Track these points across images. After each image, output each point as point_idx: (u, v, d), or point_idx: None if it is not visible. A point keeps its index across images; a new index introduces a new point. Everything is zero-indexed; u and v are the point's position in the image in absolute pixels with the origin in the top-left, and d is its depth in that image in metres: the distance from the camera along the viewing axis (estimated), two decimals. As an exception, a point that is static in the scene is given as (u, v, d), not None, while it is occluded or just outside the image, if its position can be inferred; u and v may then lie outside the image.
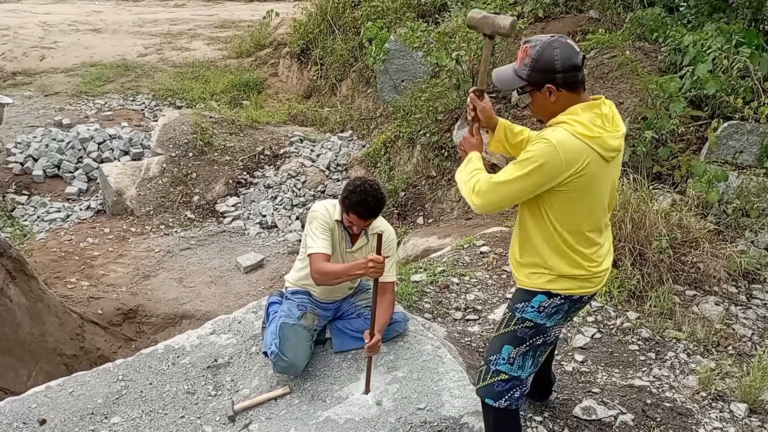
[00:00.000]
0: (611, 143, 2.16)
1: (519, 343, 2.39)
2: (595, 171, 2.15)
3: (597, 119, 2.15)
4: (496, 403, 2.43)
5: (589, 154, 2.12)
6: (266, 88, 11.18)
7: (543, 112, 2.24)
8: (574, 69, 2.13)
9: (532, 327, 2.38)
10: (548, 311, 2.36)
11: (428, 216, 6.91)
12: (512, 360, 2.40)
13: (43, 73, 11.11)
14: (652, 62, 5.78)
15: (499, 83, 2.32)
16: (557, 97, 2.16)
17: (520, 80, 2.20)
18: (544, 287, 2.33)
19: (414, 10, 9.07)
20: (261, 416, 2.95)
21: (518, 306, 2.40)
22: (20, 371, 4.61)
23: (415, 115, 7.38)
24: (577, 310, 2.51)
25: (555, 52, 2.12)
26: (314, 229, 3.02)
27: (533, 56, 2.14)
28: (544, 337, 2.41)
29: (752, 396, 3.20)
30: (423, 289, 4.18)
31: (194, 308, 5.95)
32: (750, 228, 4.38)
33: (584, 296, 2.38)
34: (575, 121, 2.12)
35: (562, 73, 2.12)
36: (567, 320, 2.52)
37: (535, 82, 2.17)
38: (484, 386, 2.46)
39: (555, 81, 2.13)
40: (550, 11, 7.31)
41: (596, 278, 2.36)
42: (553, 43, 2.13)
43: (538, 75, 2.15)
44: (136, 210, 7.45)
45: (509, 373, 2.41)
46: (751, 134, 4.73)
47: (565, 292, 2.33)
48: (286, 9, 12.95)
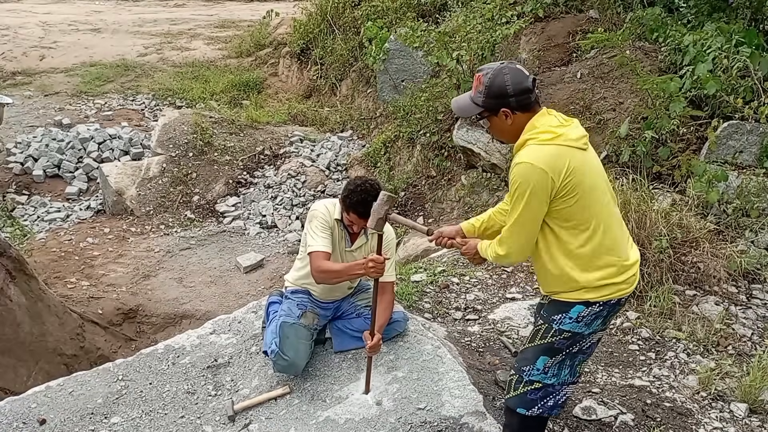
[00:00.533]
0: (575, 133, 2.26)
1: (555, 353, 2.39)
2: (579, 164, 2.22)
3: (552, 120, 2.26)
4: (529, 411, 2.43)
5: (566, 152, 2.19)
6: (266, 88, 11.18)
7: (502, 134, 2.36)
8: (525, 92, 2.23)
9: (570, 337, 2.37)
10: (587, 320, 2.35)
11: (428, 216, 6.91)
12: (547, 370, 2.40)
13: (43, 73, 11.11)
14: (652, 62, 5.77)
15: (458, 111, 2.43)
16: (513, 120, 2.27)
17: (477, 107, 2.31)
18: (581, 297, 2.32)
19: (414, 9, 9.06)
20: (261, 416, 2.95)
21: (555, 318, 2.38)
22: (20, 371, 4.61)
23: (415, 115, 7.38)
24: (616, 313, 2.49)
25: (506, 78, 2.23)
26: (314, 228, 3.02)
27: (486, 84, 2.26)
28: (581, 344, 2.41)
29: (752, 396, 3.20)
30: (423, 289, 4.18)
31: (194, 308, 5.95)
32: (750, 228, 4.38)
33: (621, 299, 2.37)
34: (537, 133, 2.22)
35: (514, 96, 2.23)
36: (606, 325, 2.50)
37: (490, 108, 2.28)
38: (516, 396, 2.45)
39: (509, 105, 2.25)
40: (550, 11, 7.30)
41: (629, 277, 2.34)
42: (503, 70, 2.24)
43: (492, 101, 2.26)
44: (136, 210, 7.45)
45: (543, 382, 2.41)
46: (751, 134, 4.73)
47: (604, 298, 2.32)
48: (286, 9, 12.95)
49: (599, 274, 2.29)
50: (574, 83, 6.04)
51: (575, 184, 2.19)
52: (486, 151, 6.24)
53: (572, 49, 6.81)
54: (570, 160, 2.19)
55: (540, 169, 2.15)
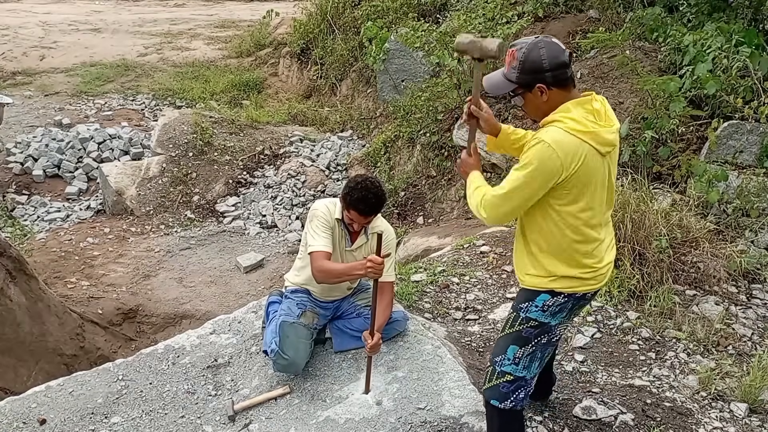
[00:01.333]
0: (606, 137, 2.18)
1: (524, 343, 2.40)
2: (592, 166, 2.17)
3: (589, 115, 2.18)
4: (502, 404, 2.44)
5: (585, 150, 2.14)
6: (266, 87, 11.19)
7: (536, 112, 2.26)
8: (562, 66, 2.15)
9: (537, 326, 2.38)
10: (552, 310, 2.36)
11: (428, 216, 6.91)
12: (518, 360, 2.40)
13: (43, 72, 11.12)
14: (652, 62, 5.77)
15: (490, 89, 2.33)
16: (549, 96, 2.18)
17: (511, 84, 2.23)
18: (547, 286, 2.34)
19: (414, 9, 9.06)
20: (261, 416, 2.95)
21: (522, 306, 2.40)
22: (20, 371, 4.61)
23: (415, 114, 7.38)
24: (580, 308, 2.52)
25: (541, 51, 2.14)
26: (315, 227, 3.02)
27: (520, 59, 2.17)
28: (549, 336, 2.42)
29: (752, 396, 3.20)
30: (423, 288, 4.18)
31: (194, 308, 5.95)
32: (750, 228, 4.38)
33: (587, 293, 2.39)
34: (568, 118, 2.14)
35: (550, 71, 2.15)
36: (571, 318, 2.54)
37: (525, 84, 2.20)
38: (490, 387, 2.46)
39: (545, 80, 2.16)
40: (550, 11, 7.31)
41: (599, 275, 2.36)
42: (539, 44, 2.16)
43: (527, 76, 2.18)
44: (136, 210, 7.45)
45: (514, 374, 2.41)
46: (751, 134, 4.73)
47: (569, 290, 2.33)
48: (286, 9, 12.95)
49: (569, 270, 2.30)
50: (574, 83, 6.04)
51: (576, 181, 2.17)
52: (486, 151, 6.24)
53: (572, 49, 6.81)
54: (586, 158, 2.14)
55: (557, 155, 2.10)
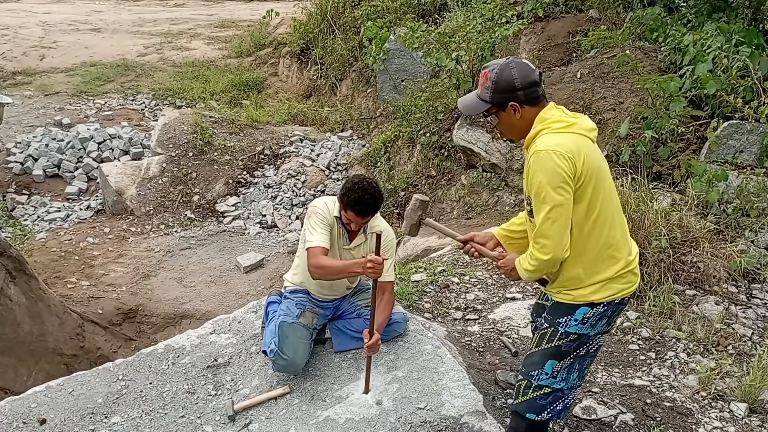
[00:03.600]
0: (587, 124, 2.26)
1: (563, 357, 2.39)
2: (591, 154, 2.21)
3: (562, 113, 2.26)
4: (539, 417, 2.43)
5: (581, 141, 2.19)
6: (266, 87, 11.19)
7: (511, 130, 2.33)
8: (533, 85, 2.22)
9: (576, 339, 2.37)
10: (592, 321, 2.35)
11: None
12: (556, 374, 2.40)
13: (43, 72, 11.11)
14: (652, 62, 5.78)
15: (465, 110, 2.40)
16: (522, 114, 2.25)
17: (485, 103, 2.29)
18: (586, 299, 2.31)
19: (414, 10, 9.06)
20: (261, 416, 2.95)
21: (560, 321, 2.37)
22: (20, 371, 4.61)
23: (415, 114, 7.38)
24: (619, 313, 2.49)
25: (513, 71, 2.22)
26: (313, 224, 3.03)
27: (493, 79, 2.24)
28: (587, 347, 2.41)
29: (752, 395, 3.20)
30: (423, 288, 4.18)
31: (194, 308, 5.95)
32: (750, 228, 4.37)
33: (624, 298, 2.37)
34: (550, 123, 2.21)
35: (522, 90, 2.22)
36: (610, 325, 2.49)
37: (498, 103, 2.26)
38: (525, 401, 2.44)
39: (517, 98, 2.23)
40: (550, 11, 7.31)
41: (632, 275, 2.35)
42: (510, 64, 2.24)
43: (500, 96, 2.24)
44: (136, 210, 7.45)
45: (552, 386, 2.40)
46: (751, 134, 4.73)
47: (608, 299, 2.31)
48: (286, 9, 12.94)
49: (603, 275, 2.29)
50: (574, 83, 6.04)
51: (589, 173, 2.16)
52: (486, 151, 6.24)
53: (572, 49, 6.82)
54: (585, 149, 2.17)
55: (562, 154, 2.11)
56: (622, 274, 2.31)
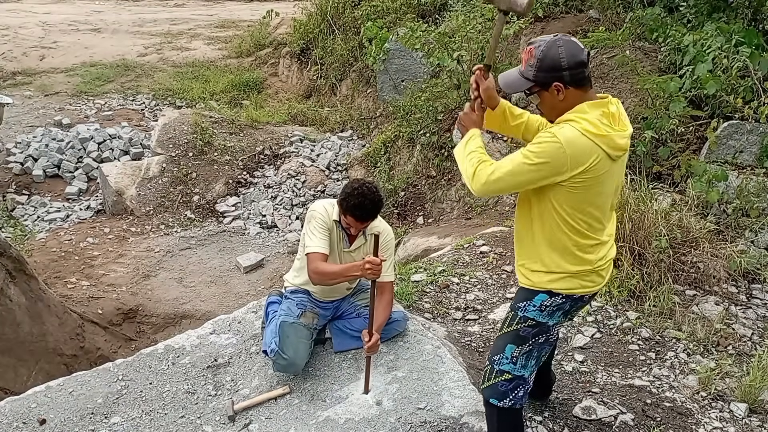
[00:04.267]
0: (618, 142, 2.16)
1: (522, 342, 2.40)
2: (602, 169, 2.14)
3: (604, 118, 2.15)
4: (501, 402, 2.44)
5: (597, 153, 2.11)
6: (266, 87, 11.19)
7: (552, 111, 2.24)
8: (580, 65, 2.13)
9: (535, 326, 2.38)
10: (550, 310, 2.36)
11: (428, 216, 6.91)
12: (515, 359, 2.41)
13: (43, 72, 11.11)
14: (652, 62, 5.77)
15: (506, 87, 2.30)
16: (566, 95, 2.16)
17: (527, 81, 2.20)
18: (545, 286, 2.34)
19: (414, 10, 9.06)
20: (261, 416, 2.95)
21: (520, 305, 2.41)
22: (20, 371, 4.61)
23: (415, 115, 7.38)
24: (578, 309, 2.52)
25: (560, 50, 2.12)
26: (312, 229, 3.03)
27: (538, 56, 2.14)
28: (547, 335, 2.42)
29: (752, 396, 3.20)
30: (423, 288, 4.18)
31: (194, 308, 5.95)
32: (750, 228, 4.37)
33: (585, 296, 2.39)
34: (583, 119, 2.12)
35: (568, 70, 2.12)
36: (569, 319, 2.53)
37: (542, 82, 2.17)
38: (489, 386, 2.47)
39: (562, 79, 2.13)
40: (550, 11, 7.30)
41: (597, 276, 2.35)
42: (557, 42, 2.13)
43: (544, 74, 2.15)
44: (136, 210, 7.45)
45: (513, 373, 2.42)
46: (751, 134, 4.73)
47: (566, 291, 2.33)
48: (286, 9, 12.95)
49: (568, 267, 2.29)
50: (574, 83, 6.03)
51: (586, 184, 2.15)
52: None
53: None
54: (597, 161, 2.11)
55: (565, 153, 2.08)
56: (586, 272, 2.31)
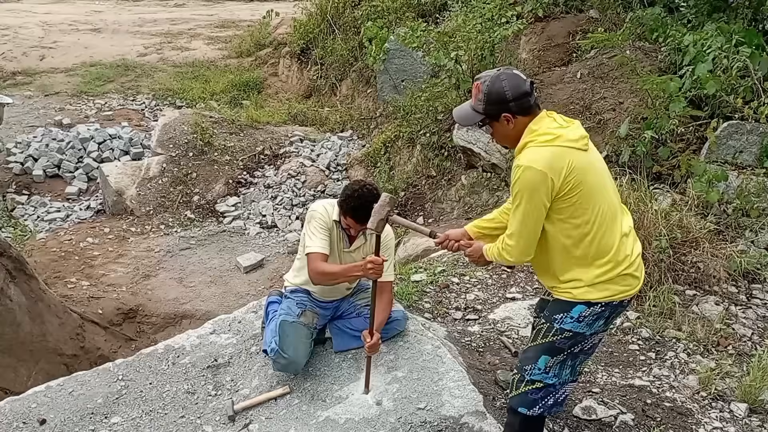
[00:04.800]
0: (576, 133, 2.28)
1: (557, 353, 2.40)
2: (580, 164, 2.23)
3: (552, 123, 2.28)
4: (530, 411, 2.44)
5: (566, 154, 2.21)
6: (266, 87, 11.19)
7: (506, 139, 2.39)
8: (524, 96, 2.26)
9: (571, 337, 2.38)
10: (588, 320, 2.35)
11: (428, 216, 6.91)
12: (549, 369, 2.41)
13: (43, 72, 11.12)
14: (652, 62, 5.77)
15: (460, 120, 2.46)
16: (515, 124, 2.30)
17: (478, 114, 2.35)
18: (583, 297, 2.32)
19: (414, 9, 9.06)
20: (261, 416, 2.95)
21: (557, 317, 2.39)
22: (20, 371, 4.61)
23: (415, 114, 7.38)
24: (618, 315, 2.49)
25: (503, 83, 2.26)
26: (312, 229, 3.03)
27: (485, 91, 2.29)
28: (582, 345, 2.42)
29: (752, 396, 3.20)
30: (423, 288, 4.18)
31: (194, 308, 5.95)
32: (750, 228, 4.37)
33: (624, 300, 2.37)
34: (536, 136, 2.24)
35: (514, 101, 2.26)
36: (608, 326, 2.50)
37: (491, 114, 2.32)
38: (517, 395, 2.47)
39: (510, 110, 2.28)
40: (550, 11, 7.31)
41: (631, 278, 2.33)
42: (501, 76, 2.28)
43: (492, 107, 2.29)
44: (136, 210, 7.45)
45: (544, 381, 2.42)
46: (751, 134, 4.73)
47: (606, 299, 2.32)
48: (286, 9, 12.94)
49: (599, 271, 2.29)
50: (574, 83, 6.04)
51: (576, 184, 2.21)
52: (486, 151, 6.24)
53: (572, 49, 6.82)
54: (570, 161, 2.20)
55: (539, 170, 2.18)
56: (621, 275, 2.31)
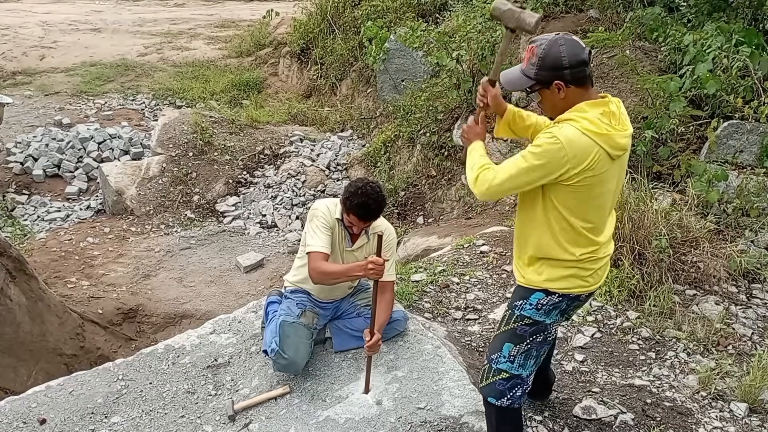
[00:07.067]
0: (619, 141, 2.16)
1: (519, 340, 2.41)
2: (603, 168, 2.15)
3: (604, 117, 2.16)
4: (498, 401, 2.45)
5: (596, 151, 2.12)
6: (266, 87, 11.19)
7: (553, 109, 2.26)
8: (581, 64, 2.14)
9: (532, 324, 2.39)
10: (546, 308, 2.37)
11: (428, 215, 6.91)
12: (513, 358, 2.41)
13: (43, 72, 11.12)
14: (652, 62, 5.77)
15: (507, 85, 2.33)
16: (566, 94, 2.18)
17: (529, 80, 2.21)
18: (541, 285, 2.34)
19: (414, 9, 9.06)
20: (261, 416, 2.95)
21: (517, 303, 2.41)
22: (20, 371, 4.61)
23: (415, 114, 7.38)
24: (576, 308, 2.53)
25: (561, 48, 2.13)
26: (314, 227, 3.03)
27: (540, 55, 2.16)
28: (545, 334, 2.43)
29: (752, 395, 3.20)
30: (423, 288, 4.18)
31: (194, 308, 5.95)
32: (750, 227, 4.38)
33: (581, 295, 2.39)
34: (582, 118, 2.13)
35: (569, 69, 2.14)
36: (566, 318, 2.54)
37: (543, 80, 2.19)
38: (487, 385, 2.47)
39: (563, 77, 2.15)
40: (550, 11, 7.30)
41: (594, 276, 2.35)
42: (559, 41, 2.15)
43: (546, 73, 2.17)
44: (136, 209, 7.45)
45: (510, 372, 2.42)
46: (751, 134, 4.73)
47: (563, 290, 2.34)
48: (286, 8, 12.95)
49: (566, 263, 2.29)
50: (574, 83, 6.03)
51: (587, 184, 2.16)
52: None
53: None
54: (596, 160, 2.12)
55: (565, 151, 2.09)
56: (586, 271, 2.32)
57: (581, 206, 2.23)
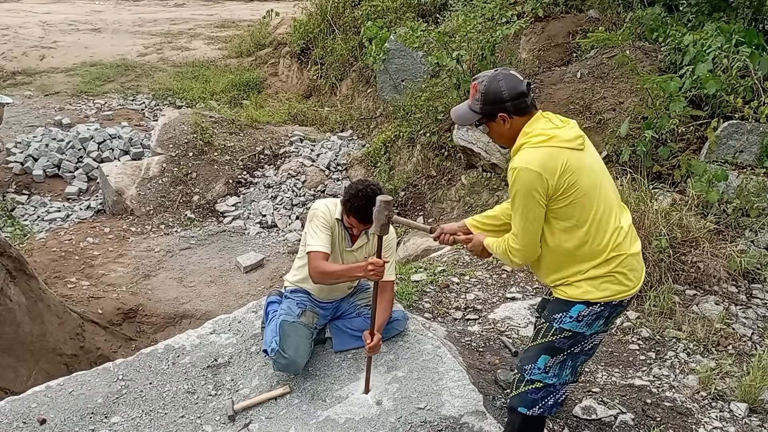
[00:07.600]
0: (569, 134, 2.29)
1: (556, 352, 2.41)
2: (576, 164, 2.25)
3: (547, 124, 2.30)
4: (530, 411, 2.45)
5: (560, 153, 2.23)
6: (266, 87, 11.19)
7: (501, 138, 2.42)
8: (521, 96, 2.29)
9: (571, 336, 2.38)
10: (588, 320, 2.36)
11: (428, 216, 6.91)
12: (548, 369, 2.42)
13: (43, 72, 11.11)
14: (652, 62, 5.77)
15: (457, 120, 2.49)
16: (511, 123, 2.33)
17: (475, 114, 2.38)
18: (582, 297, 2.33)
19: (414, 9, 9.06)
20: (261, 416, 2.95)
21: (556, 316, 2.40)
22: (20, 371, 4.60)
23: (415, 114, 7.38)
24: (618, 315, 2.49)
25: (500, 84, 2.29)
26: (314, 227, 3.03)
27: (482, 91, 2.33)
28: (582, 345, 2.42)
29: (752, 395, 3.21)
30: (423, 288, 4.18)
31: (194, 308, 5.95)
32: (750, 227, 4.38)
33: (623, 300, 2.37)
34: (530, 137, 2.27)
35: (510, 101, 2.29)
36: (608, 326, 2.51)
37: (488, 114, 2.35)
38: (517, 395, 2.48)
39: (506, 109, 2.31)
40: (550, 11, 7.30)
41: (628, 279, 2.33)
42: (498, 76, 2.31)
43: (489, 107, 2.33)
44: (136, 210, 7.45)
45: (544, 381, 2.42)
46: (751, 134, 4.73)
47: (605, 299, 2.32)
48: (286, 9, 12.95)
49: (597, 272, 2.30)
50: (574, 83, 6.04)
51: (571, 184, 2.22)
52: (486, 151, 6.24)
53: (572, 49, 6.82)
54: (565, 161, 2.22)
55: (533, 171, 2.20)
56: (619, 274, 2.31)
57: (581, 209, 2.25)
